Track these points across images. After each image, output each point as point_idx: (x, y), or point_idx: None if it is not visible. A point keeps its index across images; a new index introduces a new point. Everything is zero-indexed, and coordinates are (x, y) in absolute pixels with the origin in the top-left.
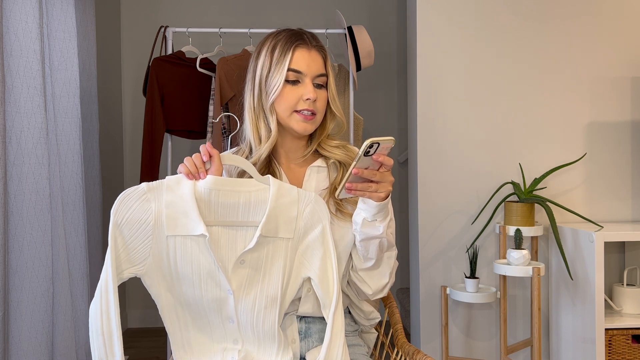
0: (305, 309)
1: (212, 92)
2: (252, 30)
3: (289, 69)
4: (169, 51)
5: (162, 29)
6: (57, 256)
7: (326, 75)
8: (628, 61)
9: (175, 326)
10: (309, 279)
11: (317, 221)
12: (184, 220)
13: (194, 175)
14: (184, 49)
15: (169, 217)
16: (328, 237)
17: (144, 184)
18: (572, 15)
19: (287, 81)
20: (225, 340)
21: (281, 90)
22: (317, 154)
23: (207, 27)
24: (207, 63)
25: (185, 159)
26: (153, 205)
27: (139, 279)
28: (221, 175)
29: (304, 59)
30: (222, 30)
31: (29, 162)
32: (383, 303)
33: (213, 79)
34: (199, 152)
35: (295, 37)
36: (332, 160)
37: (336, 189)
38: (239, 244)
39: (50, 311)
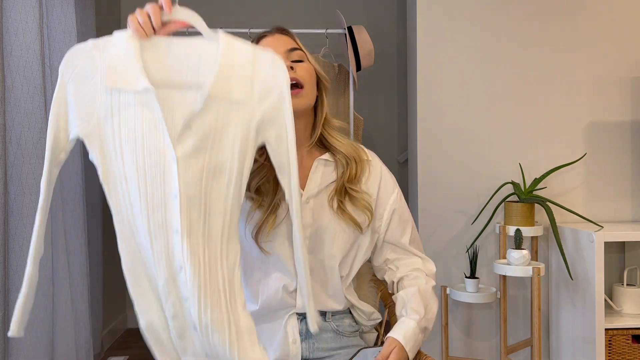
0: (303, 301)
1: None
2: (252, 30)
3: None
4: None
5: None
6: (57, 256)
7: (299, 49)
8: (628, 61)
9: (119, 200)
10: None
11: (274, 86)
12: (127, 74)
13: (144, 30)
14: None
15: (111, 70)
16: (286, 105)
17: (90, 40)
18: (572, 15)
19: None
20: (164, 221)
21: None
22: (324, 148)
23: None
24: None
25: (137, 10)
26: (98, 61)
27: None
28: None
29: (270, 43)
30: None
31: (29, 162)
32: (383, 303)
33: None
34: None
35: (263, 33)
36: (338, 157)
37: (343, 185)
38: (187, 107)
39: (50, 311)
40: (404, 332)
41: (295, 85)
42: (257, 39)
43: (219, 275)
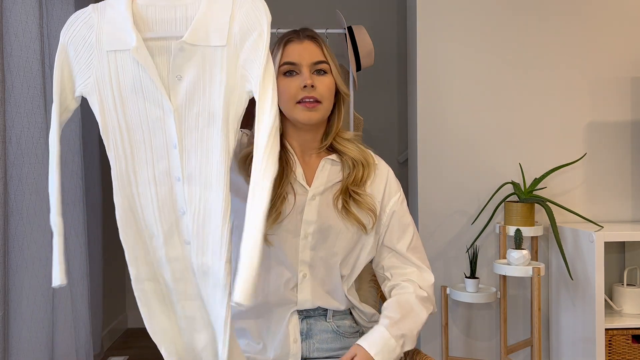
0: (304, 297)
1: None
2: None
3: (282, 63)
4: None
5: None
6: None
7: (326, 62)
8: (628, 61)
9: (119, 152)
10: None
11: (254, 25)
12: (121, 34)
13: None
14: None
15: (107, 32)
16: (263, 43)
17: (90, 5)
18: (572, 15)
19: (283, 75)
20: (168, 169)
21: (277, 83)
22: (332, 150)
23: None
24: None
25: None
26: (95, 23)
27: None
28: None
29: (296, 50)
30: None
31: (29, 162)
32: (382, 303)
33: None
34: None
35: (288, 34)
36: (345, 159)
37: (347, 187)
38: (176, 59)
39: (50, 311)
40: (370, 338)
41: (314, 100)
42: (283, 41)
43: (212, 223)
